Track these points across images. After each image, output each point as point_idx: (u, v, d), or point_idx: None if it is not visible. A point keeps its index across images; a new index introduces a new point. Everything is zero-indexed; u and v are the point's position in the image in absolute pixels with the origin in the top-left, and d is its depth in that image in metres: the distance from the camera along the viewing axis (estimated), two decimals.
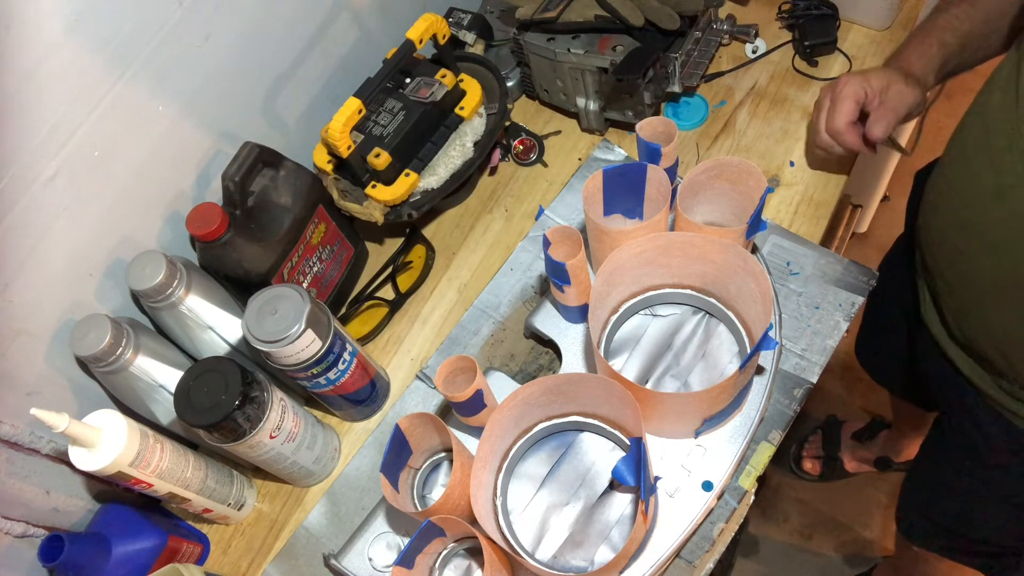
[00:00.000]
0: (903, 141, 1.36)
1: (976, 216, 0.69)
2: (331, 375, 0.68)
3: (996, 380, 0.76)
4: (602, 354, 0.63)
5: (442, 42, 0.79)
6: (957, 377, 0.81)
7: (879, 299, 1.06)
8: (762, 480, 0.73)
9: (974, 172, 0.69)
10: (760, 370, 0.67)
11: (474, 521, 0.57)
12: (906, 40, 0.81)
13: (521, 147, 0.92)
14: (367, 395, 0.76)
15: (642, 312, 0.71)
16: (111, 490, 0.76)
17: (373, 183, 0.77)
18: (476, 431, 0.69)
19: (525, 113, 0.96)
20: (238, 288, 0.73)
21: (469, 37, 0.90)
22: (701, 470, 0.64)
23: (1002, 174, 0.65)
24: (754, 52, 0.93)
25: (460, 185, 0.81)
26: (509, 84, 0.93)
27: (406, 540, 0.68)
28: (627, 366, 0.69)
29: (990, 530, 0.93)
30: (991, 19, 0.76)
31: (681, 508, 0.63)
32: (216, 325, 0.70)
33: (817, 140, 0.79)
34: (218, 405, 0.60)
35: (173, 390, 0.62)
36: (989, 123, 0.66)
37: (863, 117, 0.75)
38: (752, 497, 0.68)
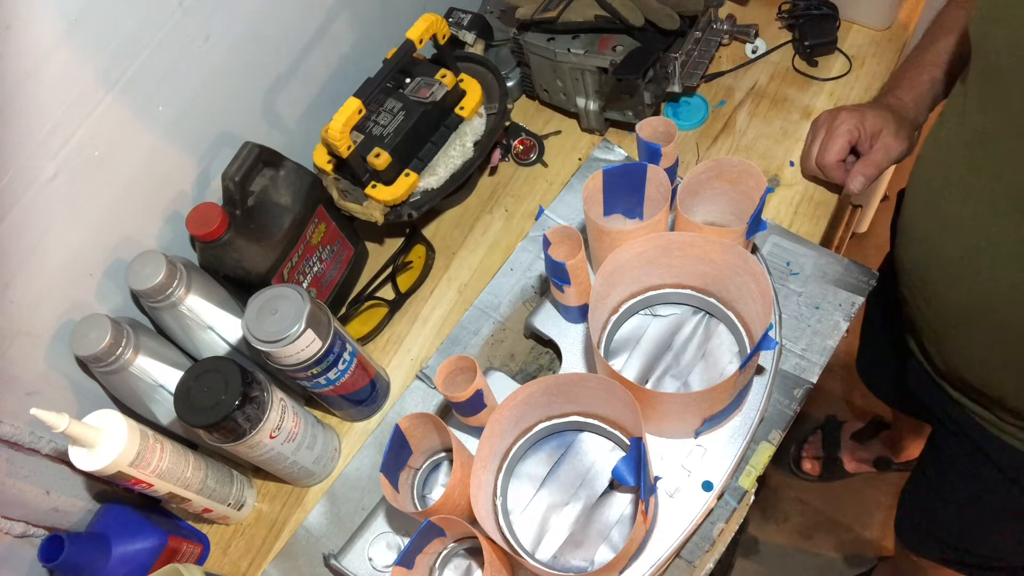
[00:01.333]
0: None
1: (936, 248, 0.69)
2: (331, 375, 0.68)
3: (978, 403, 0.76)
4: (602, 354, 0.63)
5: (442, 42, 0.79)
6: (944, 398, 0.81)
7: (873, 315, 1.06)
8: (762, 480, 0.73)
9: (930, 205, 0.70)
10: (760, 370, 0.67)
11: (474, 521, 0.57)
12: (898, 74, 0.82)
13: (521, 147, 0.92)
14: (367, 395, 0.76)
15: (642, 312, 0.71)
16: (111, 490, 0.76)
17: (373, 183, 0.77)
18: (476, 431, 0.69)
19: (525, 113, 0.96)
20: (238, 288, 0.73)
21: (469, 37, 0.90)
22: (701, 470, 0.64)
23: (955, 206, 0.65)
24: (754, 52, 0.93)
25: (460, 185, 0.81)
26: (509, 84, 0.93)
27: (406, 540, 0.68)
28: (627, 366, 0.69)
29: (989, 546, 0.93)
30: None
31: (681, 508, 0.63)
32: (216, 325, 0.70)
33: (808, 165, 0.83)
34: (218, 405, 0.60)
35: (173, 390, 0.62)
36: (940, 155, 0.67)
37: (855, 150, 0.79)
38: (752, 497, 0.68)
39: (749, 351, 0.63)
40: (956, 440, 0.84)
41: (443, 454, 0.68)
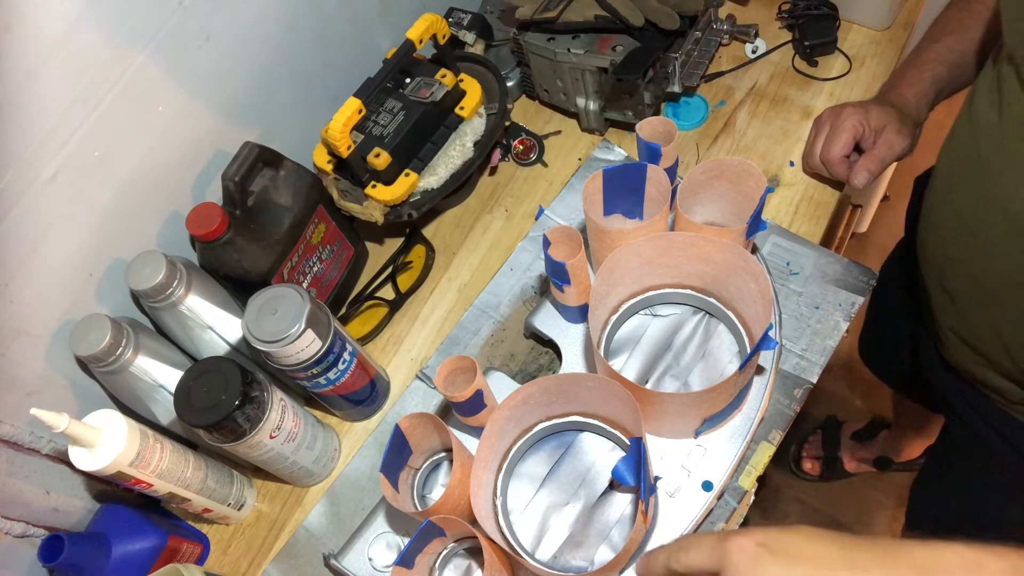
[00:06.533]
0: None
1: (971, 222, 0.69)
2: (331, 375, 0.68)
3: (1005, 382, 0.76)
4: (602, 354, 0.63)
5: (442, 42, 0.79)
6: (961, 382, 0.81)
7: (881, 302, 1.06)
8: (762, 480, 0.73)
9: (965, 179, 0.70)
10: (760, 370, 0.67)
11: (474, 521, 0.57)
12: (900, 72, 0.83)
13: (521, 147, 0.92)
14: (367, 395, 0.76)
15: (642, 312, 0.71)
16: (111, 490, 0.76)
17: (373, 183, 0.77)
18: (476, 431, 0.69)
19: (525, 113, 0.96)
20: (238, 288, 0.73)
21: (469, 37, 0.90)
22: (701, 470, 0.64)
23: (992, 178, 0.65)
24: (754, 52, 0.93)
25: (460, 185, 0.81)
26: (509, 84, 0.93)
27: (406, 540, 0.68)
28: (627, 366, 0.69)
29: (1004, 531, 0.93)
30: (975, 47, 0.78)
31: (681, 508, 0.63)
32: (216, 325, 0.70)
33: (811, 161, 0.83)
34: (218, 405, 0.60)
35: (173, 390, 0.61)
36: (976, 130, 0.67)
37: (858, 147, 0.79)
38: (752, 497, 0.68)
39: (749, 351, 0.63)
40: (970, 425, 0.84)
41: (443, 454, 0.68)
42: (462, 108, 0.80)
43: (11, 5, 0.54)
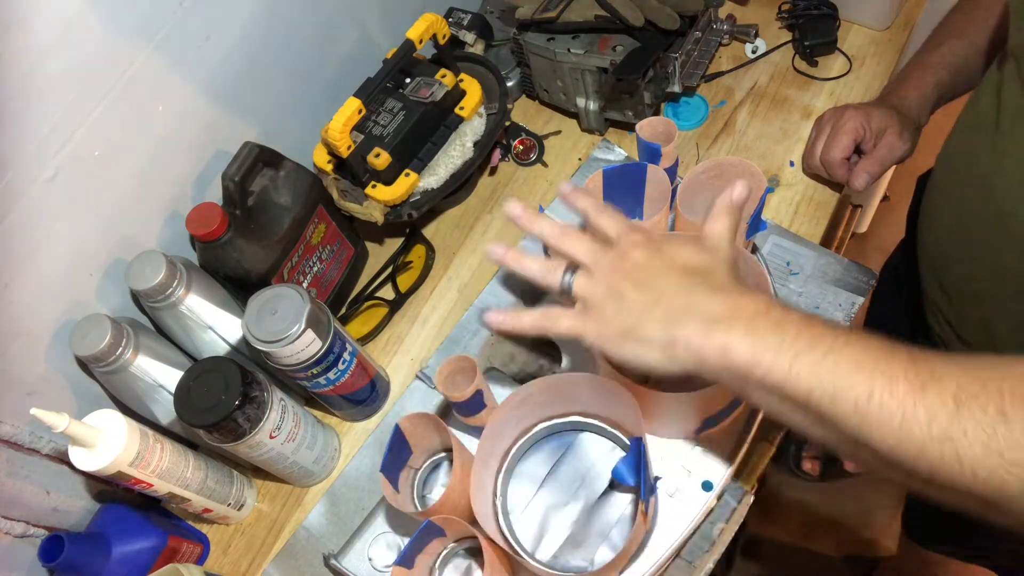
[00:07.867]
0: None
1: (965, 219, 0.69)
2: (331, 375, 0.68)
3: None
4: None
5: (442, 42, 0.79)
6: None
7: (881, 302, 1.06)
8: (762, 480, 0.73)
9: (962, 177, 0.70)
10: None
11: (474, 521, 0.57)
12: (902, 75, 0.83)
13: (521, 147, 0.92)
14: (367, 395, 0.76)
15: None
16: (111, 490, 0.76)
17: (373, 183, 0.77)
18: (476, 431, 0.69)
19: (525, 113, 0.96)
20: (238, 288, 0.73)
21: (469, 37, 0.90)
22: (701, 470, 0.64)
23: (985, 175, 0.65)
24: (754, 52, 0.93)
25: (460, 185, 0.81)
26: (509, 84, 0.93)
27: (406, 540, 0.68)
28: None
29: (999, 534, 0.93)
30: (979, 53, 0.78)
31: (681, 508, 0.63)
32: (216, 325, 0.70)
33: (811, 162, 0.83)
34: (218, 405, 0.60)
35: (173, 390, 0.62)
36: (974, 128, 0.68)
37: (859, 148, 0.79)
38: (752, 497, 0.68)
39: None
40: None
41: (443, 454, 0.68)
42: (462, 108, 0.80)
43: (11, 5, 0.54)
